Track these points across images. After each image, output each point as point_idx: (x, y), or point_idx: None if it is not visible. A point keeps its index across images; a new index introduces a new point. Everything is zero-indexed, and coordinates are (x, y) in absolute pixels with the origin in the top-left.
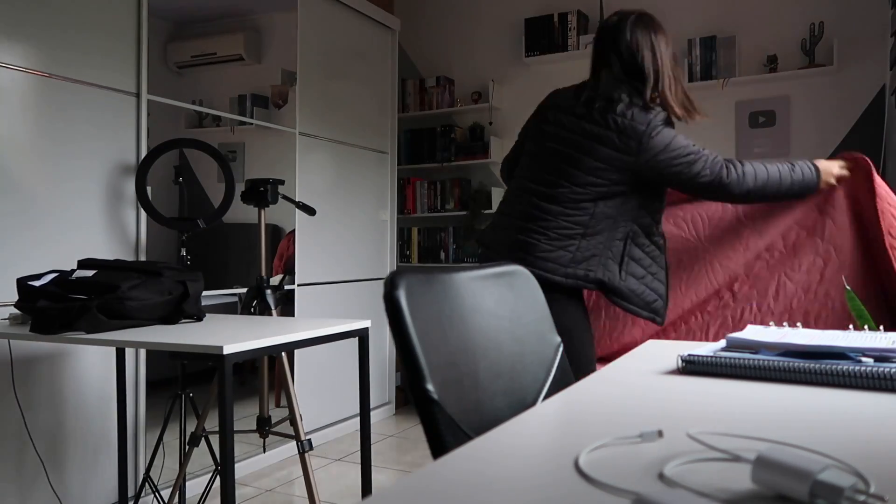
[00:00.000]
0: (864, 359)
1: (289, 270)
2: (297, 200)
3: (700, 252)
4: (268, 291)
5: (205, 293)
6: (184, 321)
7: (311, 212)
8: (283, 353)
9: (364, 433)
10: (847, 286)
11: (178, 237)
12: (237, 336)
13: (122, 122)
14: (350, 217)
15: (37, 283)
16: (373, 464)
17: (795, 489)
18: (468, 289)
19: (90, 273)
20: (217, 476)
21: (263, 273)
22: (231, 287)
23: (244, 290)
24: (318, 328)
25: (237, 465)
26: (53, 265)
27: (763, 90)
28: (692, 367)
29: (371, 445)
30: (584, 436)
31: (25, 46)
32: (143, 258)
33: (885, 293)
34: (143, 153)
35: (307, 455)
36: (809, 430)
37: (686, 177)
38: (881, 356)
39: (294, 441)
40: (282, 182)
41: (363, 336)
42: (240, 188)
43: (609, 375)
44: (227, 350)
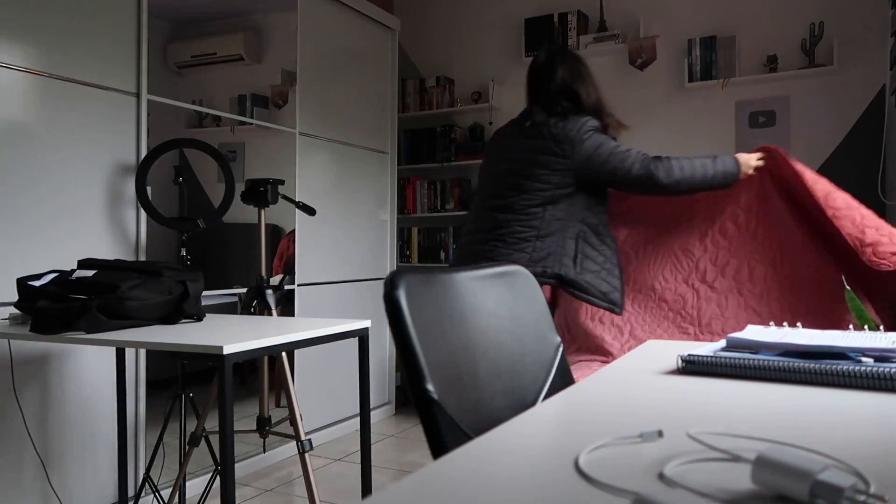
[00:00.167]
0: (864, 359)
1: (289, 270)
2: (297, 200)
3: (666, 239)
4: (268, 291)
5: (205, 293)
6: (184, 321)
7: (311, 212)
8: (283, 354)
9: (364, 433)
10: (847, 286)
11: (178, 237)
12: (237, 336)
13: (123, 122)
14: (350, 217)
15: (37, 283)
16: (373, 464)
17: (795, 489)
18: (468, 289)
19: (90, 273)
20: (217, 476)
21: (263, 273)
22: (231, 287)
23: (244, 290)
24: (318, 328)
25: (237, 465)
26: (53, 265)
27: (763, 90)
28: (692, 367)
29: (371, 445)
30: (584, 436)
31: (25, 46)
32: (143, 258)
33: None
34: (143, 153)
35: (307, 455)
36: (809, 430)
37: (620, 172)
38: (881, 356)
39: (294, 441)
40: (282, 182)
41: (363, 336)
42: (240, 188)
43: (609, 375)
44: (227, 350)
